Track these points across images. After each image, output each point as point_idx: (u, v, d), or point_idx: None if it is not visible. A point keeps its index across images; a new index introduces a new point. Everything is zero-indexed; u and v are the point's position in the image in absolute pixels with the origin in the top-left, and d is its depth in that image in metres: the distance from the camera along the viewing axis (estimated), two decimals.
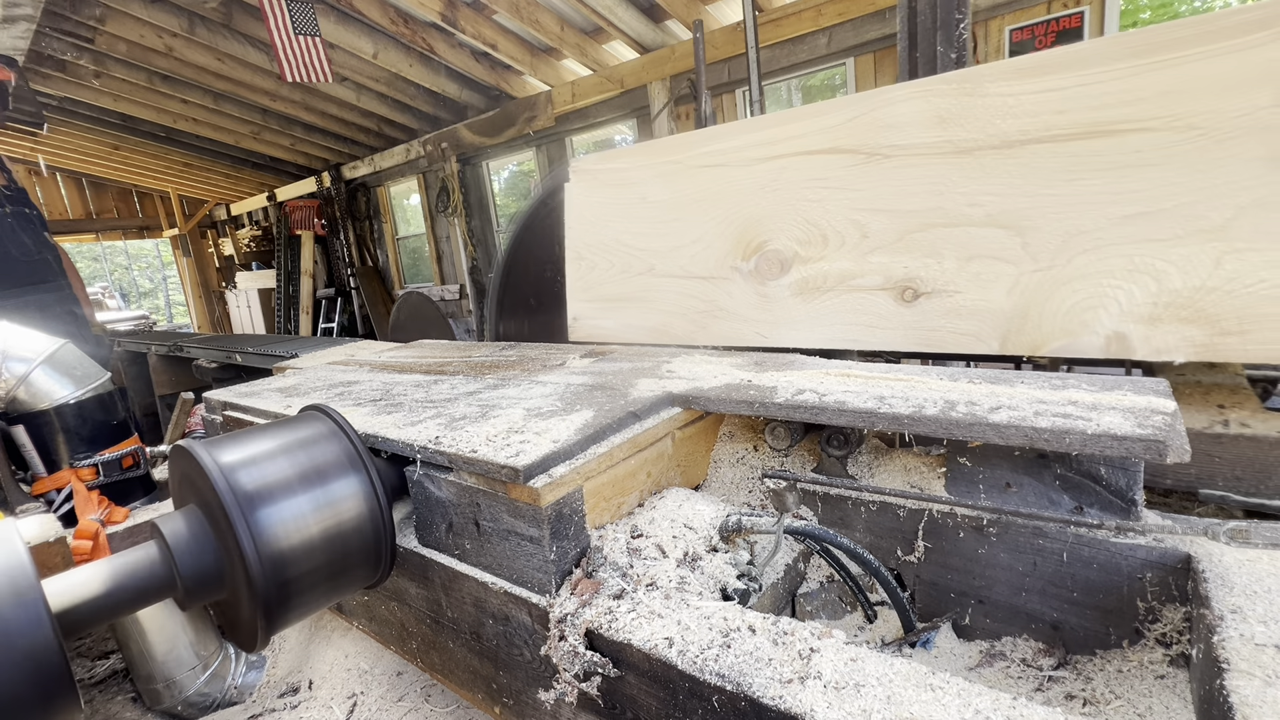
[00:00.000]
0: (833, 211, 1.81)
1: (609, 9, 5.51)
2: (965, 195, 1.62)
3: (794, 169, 1.87)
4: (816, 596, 1.43)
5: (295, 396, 1.93)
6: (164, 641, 1.95)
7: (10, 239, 3.62)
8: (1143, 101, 1.40)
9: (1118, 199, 1.44)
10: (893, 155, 1.71)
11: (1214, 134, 1.33)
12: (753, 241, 1.97)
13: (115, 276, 29.43)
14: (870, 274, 1.76)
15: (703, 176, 2.05)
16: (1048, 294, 1.53)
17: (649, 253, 2.20)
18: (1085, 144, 1.46)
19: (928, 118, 1.65)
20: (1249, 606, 0.87)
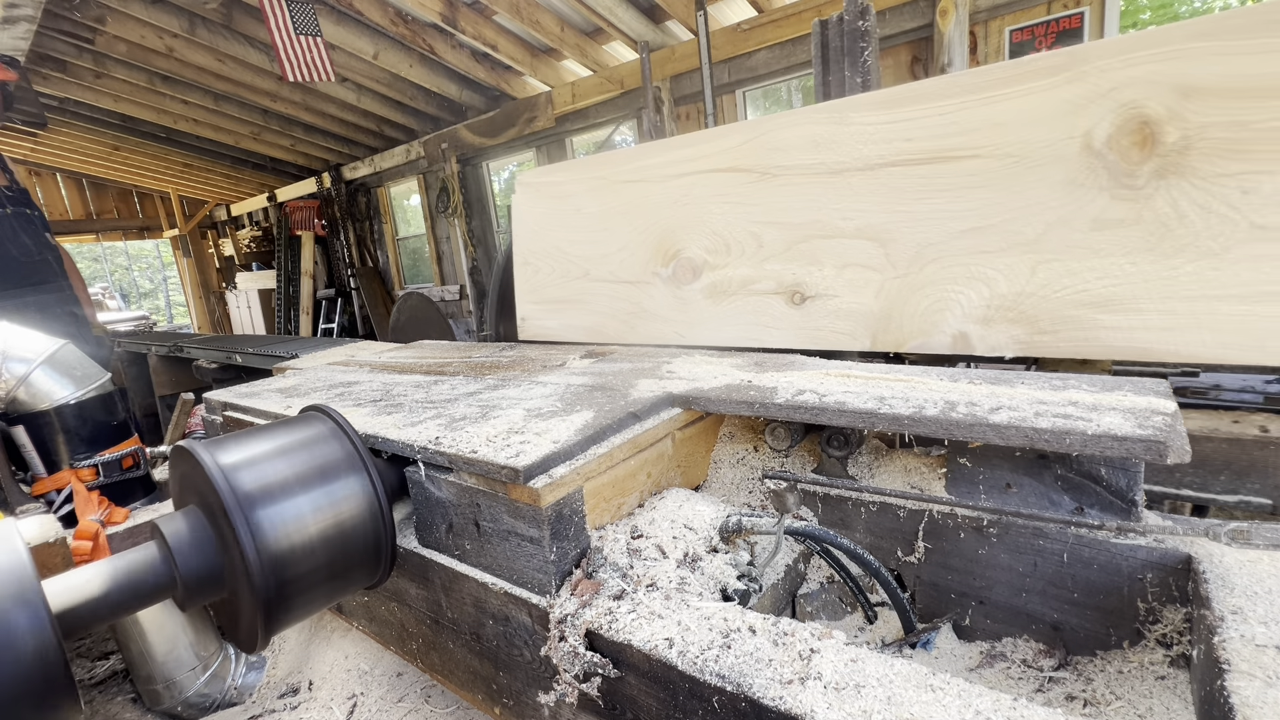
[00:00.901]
0: (734, 223, 2.02)
1: (609, 9, 5.51)
2: (838, 210, 1.83)
3: (701, 185, 2.07)
4: (817, 597, 1.43)
5: (295, 397, 1.93)
6: (164, 642, 1.94)
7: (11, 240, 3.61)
8: (973, 132, 1.61)
9: (956, 215, 1.65)
10: (780, 175, 1.91)
11: (1026, 161, 1.54)
12: (670, 250, 2.17)
13: (115, 277, 29.44)
14: (766, 279, 1.97)
15: (627, 191, 2.24)
16: (905, 298, 1.74)
17: (584, 259, 2.40)
18: (931, 167, 1.67)
19: (806, 142, 1.86)
20: (1250, 607, 0.87)
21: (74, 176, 12.88)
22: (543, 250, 2.52)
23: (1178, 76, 1.36)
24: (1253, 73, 1.30)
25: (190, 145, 10.23)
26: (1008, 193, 1.57)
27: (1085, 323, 1.50)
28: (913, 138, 1.69)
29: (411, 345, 2.97)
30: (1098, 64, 1.45)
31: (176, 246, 14.47)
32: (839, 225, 1.82)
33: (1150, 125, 1.40)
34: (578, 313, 2.45)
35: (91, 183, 13.22)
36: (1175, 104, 1.37)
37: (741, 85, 5.95)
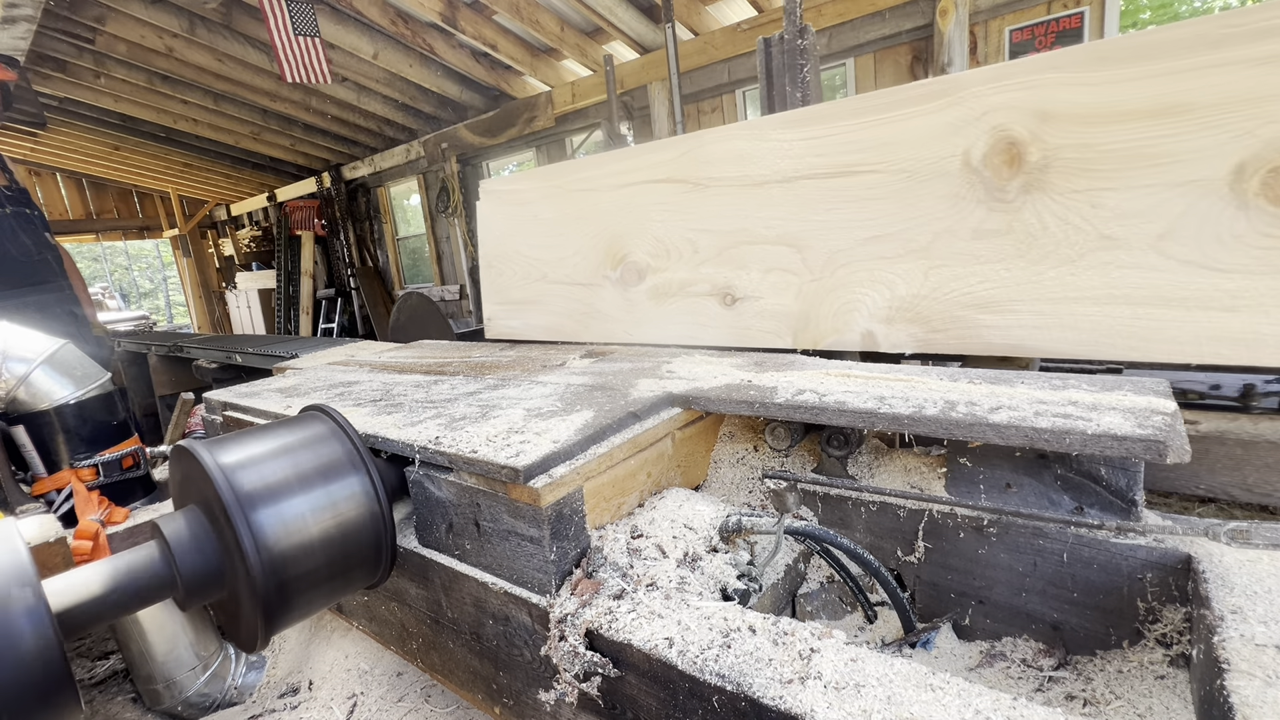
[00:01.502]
0: (673, 230, 2.16)
1: (609, 9, 5.52)
2: (761, 219, 1.97)
3: (643, 194, 2.21)
4: (817, 597, 1.43)
5: (295, 397, 1.93)
6: (164, 642, 1.94)
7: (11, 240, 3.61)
8: (872, 149, 1.75)
9: (861, 225, 1.79)
10: (711, 186, 2.05)
11: (917, 176, 1.69)
12: (618, 254, 2.30)
13: (115, 277, 29.43)
14: (701, 282, 2.12)
15: (579, 199, 2.39)
16: (820, 299, 1.88)
17: (542, 263, 2.55)
18: (838, 181, 1.82)
19: (732, 157, 2.01)
20: (1249, 607, 0.87)
21: (74, 176, 12.87)
22: (505, 254, 2.67)
23: (1037, 103, 1.52)
24: (1094, 101, 1.45)
25: (190, 145, 10.23)
26: (902, 204, 1.71)
27: (970, 322, 1.65)
28: (822, 154, 1.83)
29: (411, 345, 2.97)
30: (972, 90, 1.60)
31: (176, 246, 14.47)
32: (762, 233, 1.97)
33: (1017, 146, 1.55)
34: (537, 313, 2.59)
35: (91, 183, 13.22)
36: (1036, 127, 1.52)
37: (741, 85, 5.95)
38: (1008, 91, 1.55)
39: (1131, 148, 1.41)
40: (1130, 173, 1.42)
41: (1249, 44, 1.29)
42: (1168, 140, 1.37)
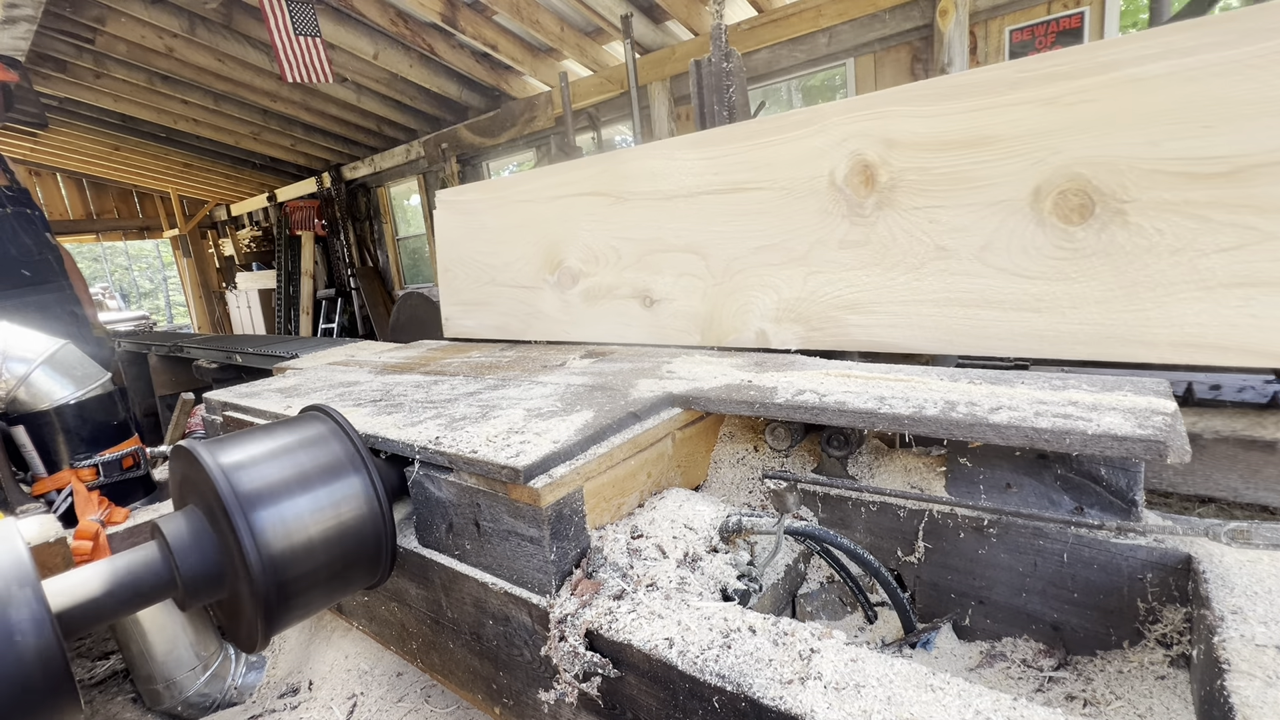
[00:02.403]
0: (600, 238, 2.34)
1: (609, 9, 5.52)
2: (672, 230, 2.16)
3: (574, 205, 2.40)
4: (817, 597, 1.43)
5: (296, 397, 1.93)
6: (164, 642, 1.95)
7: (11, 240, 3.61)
8: (759, 169, 1.94)
9: (751, 235, 1.98)
10: (630, 199, 2.24)
11: (794, 193, 1.88)
12: (555, 259, 2.49)
13: (115, 277, 29.43)
14: (625, 286, 2.30)
15: (520, 209, 2.59)
16: (722, 302, 2.07)
17: (491, 267, 2.75)
18: (732, 196, 2.00)
19: (646, 173, 2.20)
20: (1250, 607, 0.87)
21: (74, 176, 12.87)
22: (459, 259, 2.87)
23: (884, 132, 1.71)
24: (927, 131, 1.64)
25: (190, 145, 10.23)
26: (783, 217, 1.91)
27: (841, 321, 1.85)
28: (719, 172, 2.03)
29: (411, 345, 2.97)
30: (833, 120, 1.80)
31: (176, 246, 14.47)
32: (673, 241, 2.16)
33: (870, 168, 1.74)
34: (488, 313, 2.80)
35: (91, 183, 13.22)
36: (884, 153, 1.71)
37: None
38: (861, 121, 1.74)
39: (956, 172, 1.61)
40: (957, 193, 1.61)
41: (1037, 87, 1.49)
42: (982, 166, 1.57)
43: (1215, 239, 1.32)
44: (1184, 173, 1.34)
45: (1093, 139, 1.42)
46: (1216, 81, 1.29)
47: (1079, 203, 1.45)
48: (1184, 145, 1.33)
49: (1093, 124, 1.43)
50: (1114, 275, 1.43)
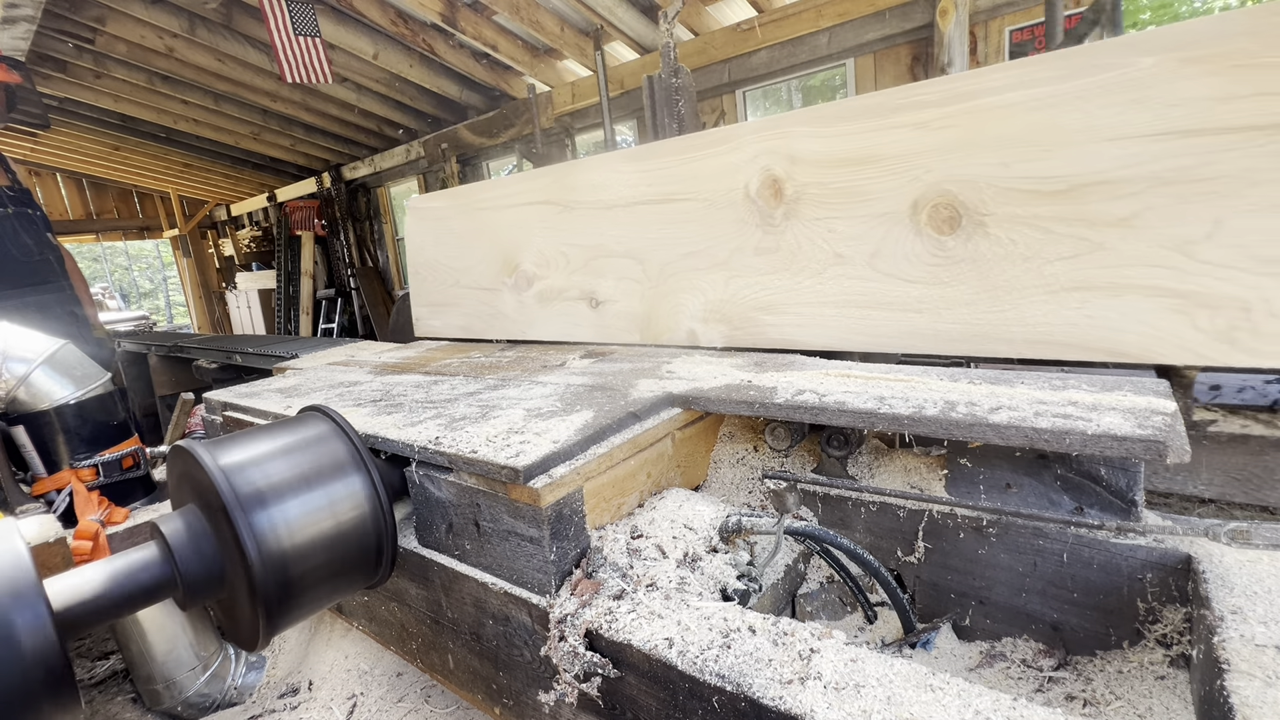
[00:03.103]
0: (552, 244, 2.50)
1: (609, 9, 5.52)
2: (613, 237, 2.30)
3: (529, 213, 2.55)
4: (817, 597, 1.43)
5: (295, 397, 1.93)
6: (164, 642, 1.95)
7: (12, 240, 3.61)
8: (685, 181, 2.09)
9: (681, 242, 2.12)
10: (576, 208, 2.39)
11: (716, 204, 2.02)
12: (512, 264, 2.65)
13: (115, 277, 29.43)
14: (573, 288, 2.46)
15: (481, 216, 2.74)
16: (657, 303, 2.23)
17: (456, 270, 2.90)
18: (664, 206, 2.15)
19: (590, 185, 2.33)
20: (1249, 607, 0.87)
21: (74, 176, 12.87)
22: (427, 262, 3.03)
23: (788, 150, 1.85)
24: (824, 149, 1.79)
25: (190, 145, 10.23)
26: (707, 226, 2.05)
27: (758, 321, 2.00)
28: (653, 184, 2.17)
29: (411, 345, 2.97)
30: (746, 138, 1.93)
31: (176, 246, 14.47)
32: (614, 248, 2.31)
33: (778, 182, 1.88)
34: (454, 314, 2.96)
35: (91, 183, 13.22)
36: (789, 168, 1.85)
37: (741, 85, 5.95)
38: (770, 140, 1.88)
39: (849, 186, 1.76)
40: (850, 205, 1.76)
41: (912, 112, 1.63)
42: (870, 182, 1.72)
43: (1057, 248, 1.48)
44: (1031, 190, 1.49)
45: (957, 159, 1.58)
46: (1053, 111, 1.44)
47: (948, 215, 1.61)
48: (1030, 166, 1.49)
49: (956, 146, 1.57)
50: (978, 280, 1.59)
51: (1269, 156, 1.24)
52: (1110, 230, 1.41)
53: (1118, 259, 1.41)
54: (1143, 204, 1.37)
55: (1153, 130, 1.34)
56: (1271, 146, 1.24)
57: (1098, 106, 1.39)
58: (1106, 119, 1.39)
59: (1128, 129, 1.37)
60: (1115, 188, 1.39)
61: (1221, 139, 1.29)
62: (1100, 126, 1.39)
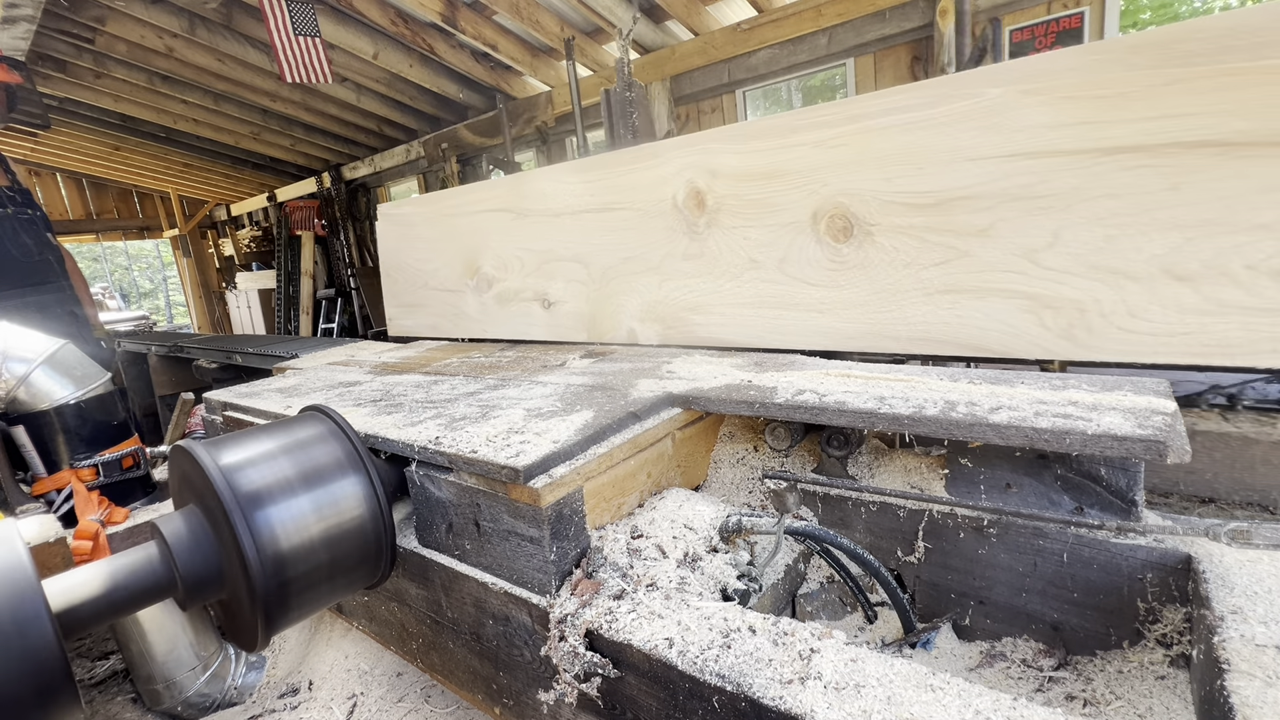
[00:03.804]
0: (509, 249, 2.67)
1: (609, 9, 5.51)
2: (561, 242, 2.47)
3: (488, 219, 2.73)
4: (817, 597, 1.43)
5: (295, 397, 1.93)
6: (164, 642, 1.94)
7: (11, 240, 3.61)
8: (622, 192, 2.24)
9: (620, 248, 2.28)
10: (529, 215, 2.56)
11: (649, 213, 2.18)
12: (474, 267, 2.82)
13: (115, 277, 29.42)
14: (529, 290, 2.63)
15: (446, 221, 2.91)
16: (601, 304, 2.39)
17: (424, 273, 3.08)
18: (605, 214, 2.30)
19: (540, 194, 2.51)
20: (1250, 607, 0.87)
21: (74, 176, 12.87)
22: (398, 265, 3.22)
23: (708, 165, 2.01)
24: (739, 164, 1.94)
25: (190, 145, 10.22)
26: (641, 233, 2.21)
27: (688, 321, 2.16)
28: (595, 194, 2.33)
29: (411, 345, 2.97)
30: (671, 154, 2.09)
31: (176, 246, 14.46)
32: (562, 253, 2.47)
33: (701, 194, 2.03)
34: (423, 314, 3.14)
35: (91, 183, 13.21)
36: (710, 181, 2.01)
37: (741, 85, 5.94)
38: (693, 155, 2.03)
39: (761, 198, 1.91)
40: (762, 215, 1.91)
41: (810, 132, 1.78)
42: (777, 194, 1.87)
43: (931, 255, 1.63)
44: (908, 203, 1.65)
45: (848, 175, 1.74)
46: (923, 133, 1.60)
47: (842, 225, 1.77)
48: (907, 182, 1.64)
49: (847, 163, 1.73)
50: (869, 283, 1.75)
51: (1092, 176, 1.40)
52: (973, 239, 1.57)
53: (980, 265, 1.57)
54: (997, 216, 1.53)
55: (1003, 152, 1.50)
56: (1095, 168, 1.40)
57: (958, 130, 1.55)
58: (966, 141, 1.54)
59: (983, 150, 1.52)
60: (975, 202, 1.55)
61: (1055, 160, 1.44)
62: (961, 147, 1.55)
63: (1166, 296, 1.37)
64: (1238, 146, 1.25)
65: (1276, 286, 1.26)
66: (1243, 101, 1.24)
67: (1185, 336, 1.37)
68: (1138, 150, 1.35)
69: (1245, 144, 1.24)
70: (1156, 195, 1.34)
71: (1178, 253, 1.34)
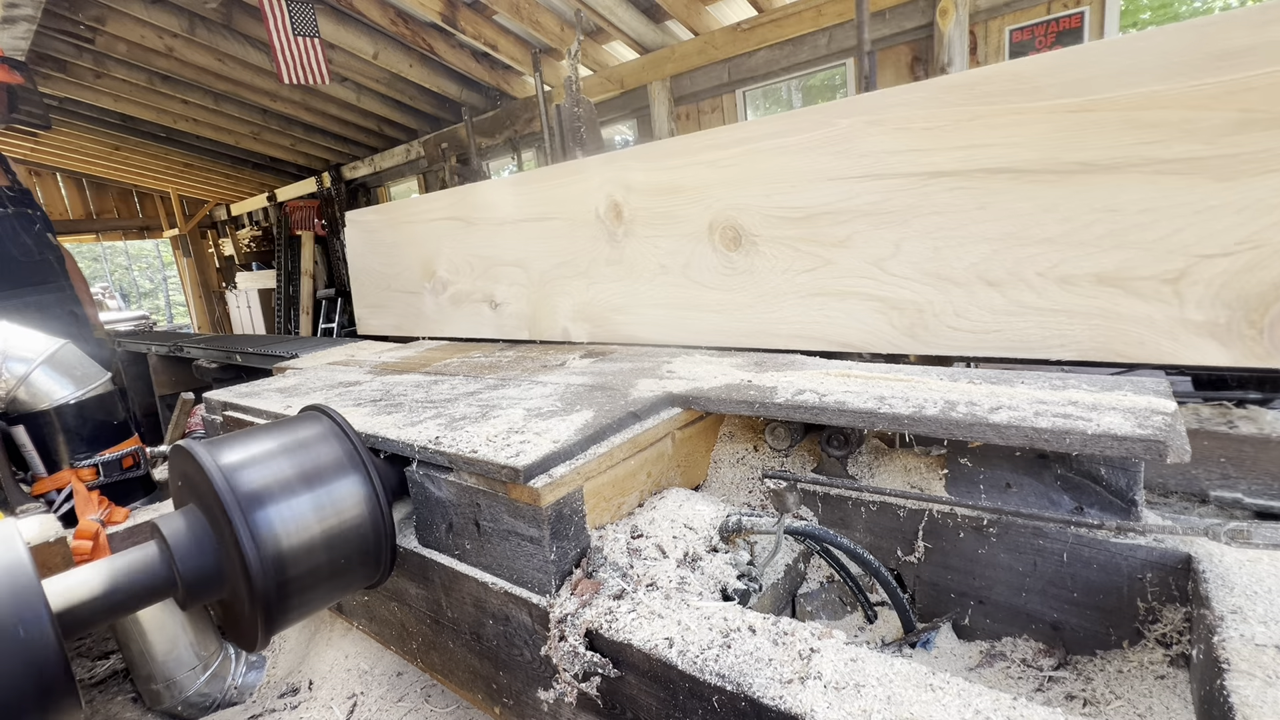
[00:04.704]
0: (460, 254, 2.90)
1: (609, 9, 5.51)
2: (504, 248, 2.69)
3: (441, 227, 2.95)
4: (817, 597, 1.43)
5: (295, 397, 1.93)
6: (164, 642, 1.94)
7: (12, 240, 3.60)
8: (554, 203, 2.46)
9: (554, 254, 2.51)
10: (477, 223, 2.78)
11: (576, 222, 2.39)
12: (430, 270, 3.05)
13: (115, 277, 29.41)
14: (479, 292, 2.85)
15: (405, 228, 3.15)
16: (540, 305, 2.61)
17: (386, 276, 3.32)
18: (541, 224, 2.53)
19: (486, 204, 2.73)
20: (1249, 607, 0.87)
21: (74, 176, 12.86)
22: (364, 269, 3.46)
23: (623, 180, 2.20)
24: (648, 181, 2.13)
25: (190, 145, 10.22)
26: (571, 241, 2.43)
27: (613, 321, 2.38)
28: (532, 205, 2.54)
29: (411, 345, 2.97)
30: (591, 171, 2.31)
31: (176, 246, 14.46)
32: (506, 258, 2.70)
33: (619, 206, 2.23)
34: (387, 314, 3.39)
35: (91, 182, 13.20)
36: (625, 195, 2.21)
37: (741, 85, 5.94)
38: (612, 172, 2.23)
39: (666, 211, 2.12)
40: (668, 226, 2.13)
41: (705, 153, 1.98)
42: (679, 208, 2.08)
43: (803, 263, 1.85)
44: (784, 217, 1.86)
45: (736, 191, 1.94)
46: (794, 156, 1.81)
47: (732, 235, 1.98)
48: (783, 198, 1.85)
49: (736, 181, 1.93)
50: (755, 287, 1.96)
51: (922, 196, 1.60)
52: (835, 249, 1.78)
53: (841, 272, 1.78)
54: (853, 229, 1.74)
55: (855, 173, 1.71)
56: (925, 189, 1.60)
57: (819, 154, 1.76)
58: (826, 163, 1.75)
59: (840, 172, 1.73)
60: (835, 216, 1.76)
61: (895, 181, 1.65)
62: (823, 169, 1.76)
63: (982, 299, 1.57)
64: (1026, 173, 1.46)
65: (1060, 291, 1.47)
66: (1028, 135, 1.44)
67: (997, 333, 1.57)
68: (954, 174, 1.55)
69: (1032, 171, 1.45)
70: (969, 213, 1.55)
71: (988, 262, 1.55)
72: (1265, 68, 1.19)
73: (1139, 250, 1.36)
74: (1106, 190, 1.37)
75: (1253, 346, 1.26)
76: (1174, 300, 1.34)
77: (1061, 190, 1.42)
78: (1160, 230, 1.33)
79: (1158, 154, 1.31)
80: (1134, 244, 1.36)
